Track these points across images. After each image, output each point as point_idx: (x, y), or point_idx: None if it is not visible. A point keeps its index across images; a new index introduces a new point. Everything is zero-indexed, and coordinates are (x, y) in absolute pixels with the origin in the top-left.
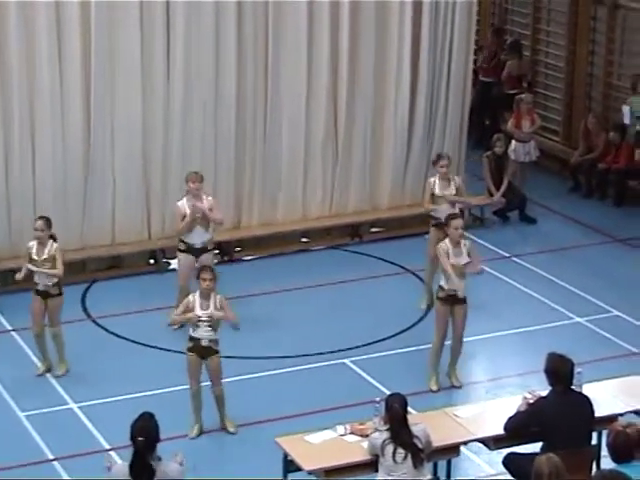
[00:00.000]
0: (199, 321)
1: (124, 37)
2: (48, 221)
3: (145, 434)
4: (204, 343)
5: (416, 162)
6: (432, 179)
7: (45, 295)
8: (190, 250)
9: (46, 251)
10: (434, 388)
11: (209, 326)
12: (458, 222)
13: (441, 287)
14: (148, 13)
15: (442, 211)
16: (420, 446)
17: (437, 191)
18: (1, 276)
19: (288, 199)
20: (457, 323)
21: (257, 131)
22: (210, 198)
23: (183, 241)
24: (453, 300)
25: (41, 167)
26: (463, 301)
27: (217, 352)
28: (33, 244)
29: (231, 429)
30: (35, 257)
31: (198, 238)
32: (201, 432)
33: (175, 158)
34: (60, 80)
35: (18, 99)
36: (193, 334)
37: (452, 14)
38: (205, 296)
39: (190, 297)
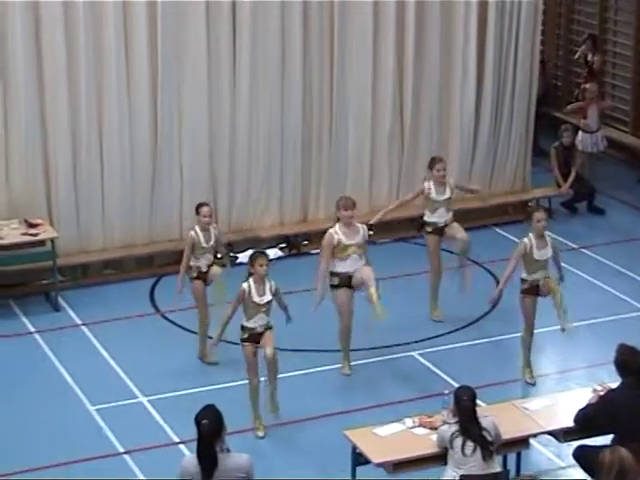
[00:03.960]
0: (258, 310)
1: (190, 37)
2: (210, 206)
3: (209, 418)
4: (259, 330)
5: (482, 155)
6: (427, 183)
7: (207, 274)
8: (343, 282)
9: (212, 236)
10: (530, 381)
11: (264, 313)
12: (541, 214)
13: (523, 279)
14: (215, 12)
15: (439, 216)
16: (489, 439)
17: (434, 196)
18: (70, 271)
19: (354, 192)
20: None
21: (323, 125)
22: (365, 226)
23: (335, 273)
24: (537, 289)
25: (109, 164)
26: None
27: (270, 328)
28: (197, 232)
29: (275, 413)
30: (205, 245)
31: (353, 266)
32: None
33: (242, 152)
34: (127, 80)
35: (86, 102)
36: (247, 324)
37: (518, 12)
38: (260, 281)
39: (244, 285)
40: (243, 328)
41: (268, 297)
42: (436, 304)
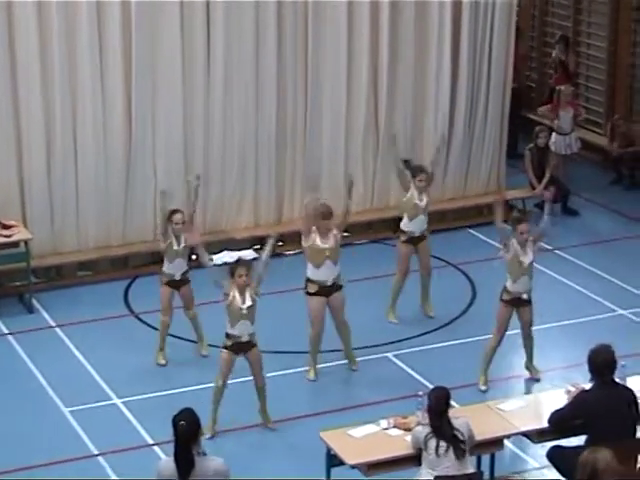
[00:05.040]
0: (240, 316)
1: (164, 36)
2: (183, 213)
3: (186, 419)
4: (244, 339)
5: (457, 156)
6: (410, 192)
7: (180, 284)
8: (321, 290)
9: (182, 239)
10: (483, 388)
11: (248, 319)
12: (524, 227)
13: (506, 289)
14: (189, 11)
15: (415, 225)
16: (461, 438)
17: (417, 201)
18: (44, 273)
19: (330, 193)
20: (524, 325)
21: (298, 126)
22: (335, 232)
23: (311, 280)
24: (518, 303)
25: (83, 164)
26: (528, 303)
27: (255, 345)
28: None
29: (270, 425)
30: (176, 247)
31: (329, 274)
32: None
33: (216, 153)
34: (101, 81)
35: (60, 98)
36: (232, 331)
37: (492, 13)
38: (242, 291)
39: (230, 293)
40: (228, 336)
41: (248, 302)
42: (394, 307)
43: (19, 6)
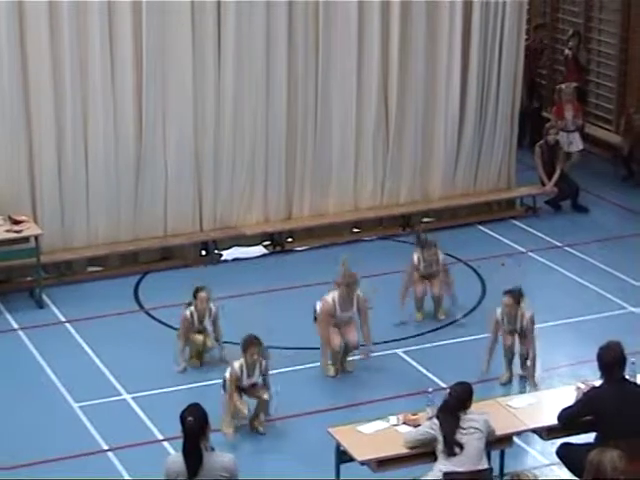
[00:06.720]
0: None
1: (175, 35)
2: (209, 290)
3: (194, 415)
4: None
5: (467, 152)
6: (415, 256)
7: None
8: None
9: (207, 317)
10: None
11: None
12: (507, 300)
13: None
14: (200, 11)
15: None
16: (458, 440)
17: (422, 270)
18: (54, 268)
19: (339, 190)
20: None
21: (308, 122)
22: (362, 294)
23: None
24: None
25: (94, 160)
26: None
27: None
28: (192, 313)
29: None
30: (197, 325)
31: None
32: None
33: (227, 150)
34: (112, 79)
35: (71, 98)
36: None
37: (502, 11)
38: (252, 367)
39: (236, 365)
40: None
41: (256, 379)
42: (422, 308)
43: (30, 6)
